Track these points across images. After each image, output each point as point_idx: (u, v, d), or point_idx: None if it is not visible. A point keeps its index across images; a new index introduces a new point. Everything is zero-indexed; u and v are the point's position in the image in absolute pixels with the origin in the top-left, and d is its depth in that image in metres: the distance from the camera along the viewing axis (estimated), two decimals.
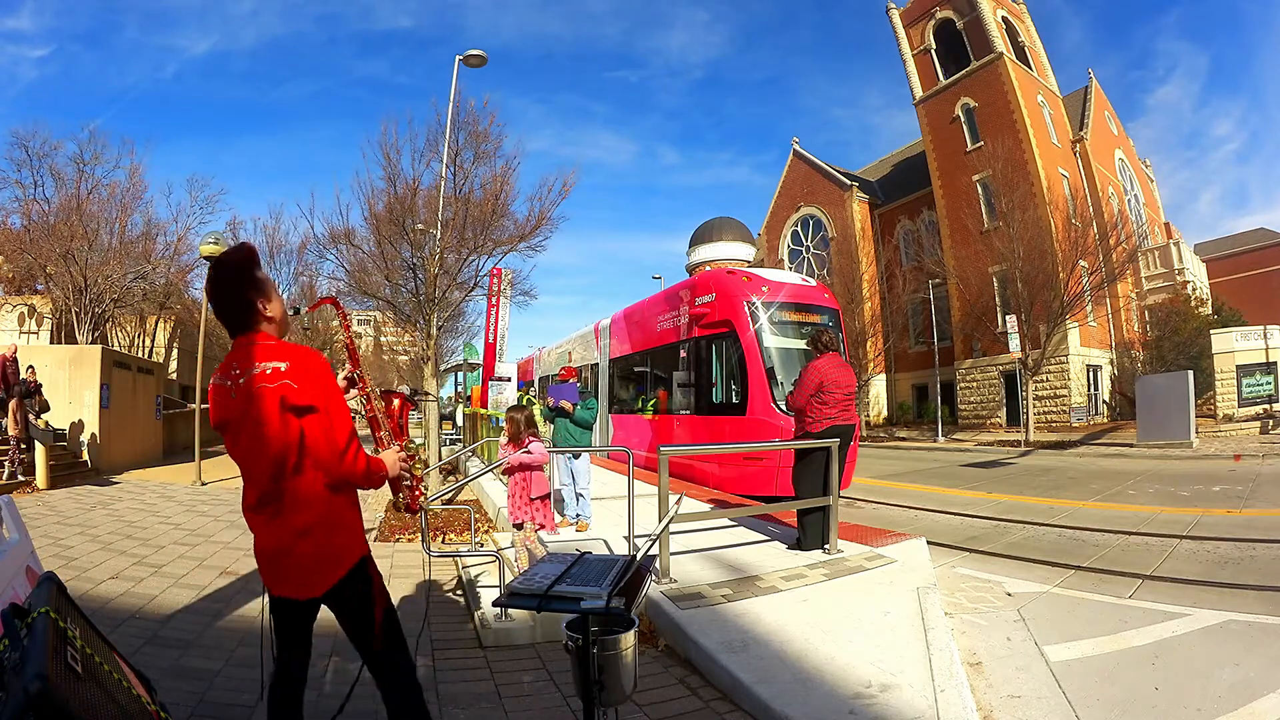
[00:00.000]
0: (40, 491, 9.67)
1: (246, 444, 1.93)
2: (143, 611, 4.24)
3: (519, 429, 4.74)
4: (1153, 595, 4.45)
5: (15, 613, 1.37)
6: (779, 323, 9.33)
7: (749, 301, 9.25)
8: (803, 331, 9.24)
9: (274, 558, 1.95)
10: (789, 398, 5.41)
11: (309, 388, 1.89)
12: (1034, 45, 31.63)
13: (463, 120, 12.33)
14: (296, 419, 1.88)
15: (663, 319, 11.55)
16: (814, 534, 5.00)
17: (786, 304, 9.52)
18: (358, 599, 2.01)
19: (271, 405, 1.87)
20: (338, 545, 1.96)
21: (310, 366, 1.93)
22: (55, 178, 21.45)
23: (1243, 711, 2.70)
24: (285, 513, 1.91)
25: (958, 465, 15.37)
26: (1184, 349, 24.68)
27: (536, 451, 4.58)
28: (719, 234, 33.40)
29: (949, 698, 2.68)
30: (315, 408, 1.89)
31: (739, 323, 9.21)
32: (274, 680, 2.05)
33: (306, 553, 1.91)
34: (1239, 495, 8.70)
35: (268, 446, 1.89)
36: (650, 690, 3.06)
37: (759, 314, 9.20)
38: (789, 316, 9.46)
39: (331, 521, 1.95)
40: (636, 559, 2.01)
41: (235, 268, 2.01)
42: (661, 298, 12.19)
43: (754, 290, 9.40)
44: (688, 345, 10.37)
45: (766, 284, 9.62)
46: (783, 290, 9.64)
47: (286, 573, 1.95)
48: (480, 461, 10.89)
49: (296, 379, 1.89)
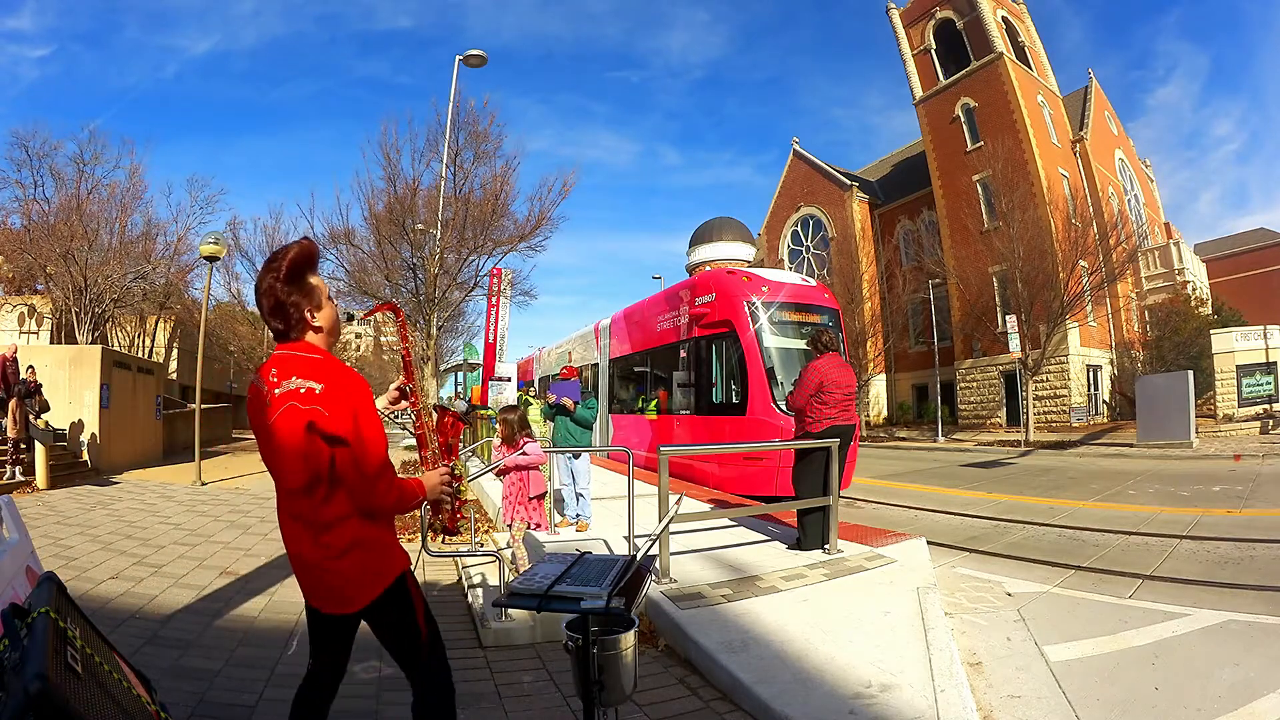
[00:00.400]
0: (40, 491, 9.67)
1: (274, 456, 1.84)
2: (143, 611, 4.24)
3: (513, 431, 4.75)
4: (1153, 595, 4.45)
5: (15, 613, 1.37)
6: (779, 323, 9.32)
7: (749, 301, 9.24)
8: (803, 331, 9.22)
9: (309, 570, 1.86)
10: (789, 398, 5.40)
11: (340, 417, 1.77)
12: (1034, 45, 31.64)
13: (463, 120, 12.38)
14: (327, 445, 1.77)
15: (663, 319, 11.52)
16: (814, 534, 5.00)
17: (786, 304, 9.50)
18: (397, 615, 1.92)
19: (299, 426, 1.77)
20: (374, 563, 1.87)
21: (346, 393, 1.80)
22: (55, 178, 21.51)
23: (1243, 711, 2.70)
24: (319, 531, 1.81)
25: (958, 465, 15.37)
26: (1184, 349, 24.69)
27: (532, 452, 4.59)
28: (719, 234, 33.40)
29: (949, 698, 2.68)
30: (345, 440, 1.77)
31: (739, 322, 9.20)
32: (302, 686, 1.99)
33: (342, 570, 1.82)
34: (1239, 495, 8.70)
35: (295, 464, 1.79)
36: (650, 690, 3.06)
37: (759, 314, 9.18)
38: (789, 316, 9.45)
39: (368, 541, 1.85)
40: (636, 559, 2.01)
41: (287, 267, 1.84)
42: (661, 298, 12.17)
43: (754, 290, 9.39)
44: (688, 345, 10.35)
45: (767, 284, 9.62)
46: (783, 290, 9.62)
47: (322, 588, 1.86)
48: (480, 461, 10.90)
49: (329, 405, 1.77)
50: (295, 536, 1.86)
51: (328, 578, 1.84)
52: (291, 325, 1.87)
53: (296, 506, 1.84)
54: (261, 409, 1.83)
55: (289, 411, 1.77)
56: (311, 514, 1.81)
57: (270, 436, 1.80)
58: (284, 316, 1.85)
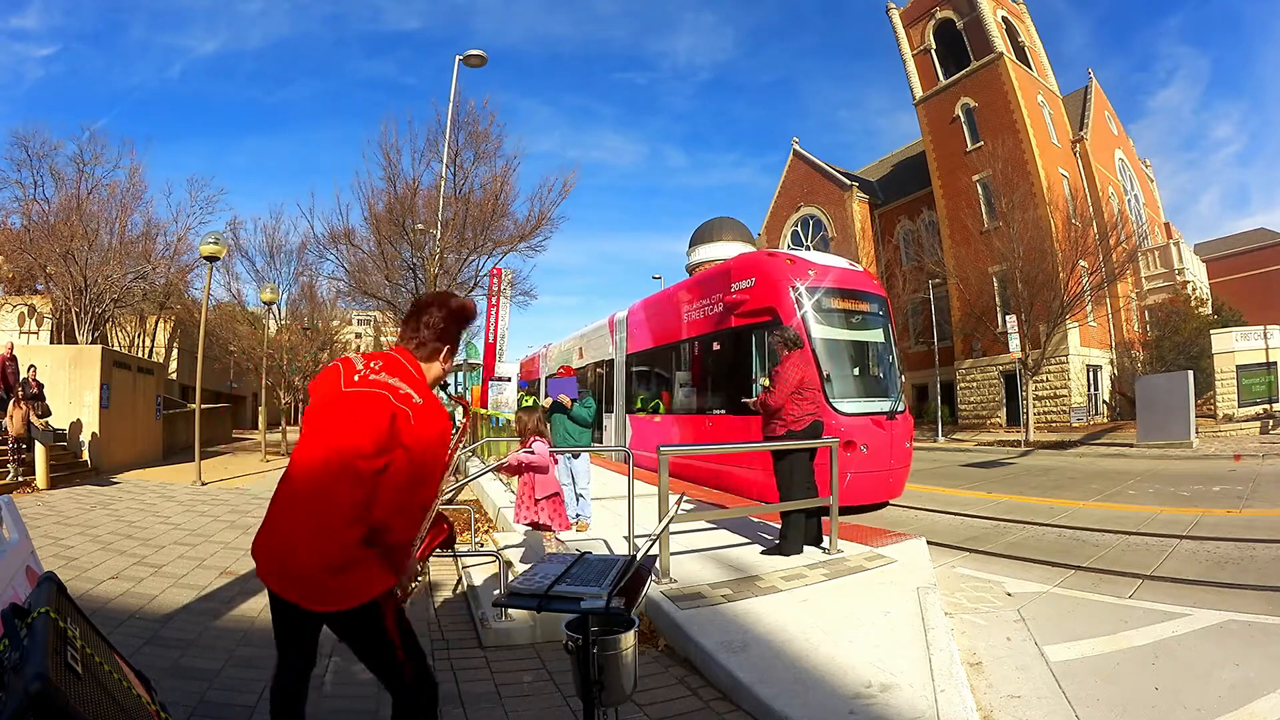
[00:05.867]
0: (40, 491, 9.67)
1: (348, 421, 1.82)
2: (143, 611, 4.24)
3: (524, 429, 4.77)
4: (1153, 595, 4.44)
5: (15, 613, 1.37)
6: (827, 310, 8.39)
7: (794, 286, 8.28)
8: (852, 321, 8.54)
9: (283, 551, 1.81)
10: (765, 398, 5.07)
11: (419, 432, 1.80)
12: (1034, 45, 31.64)
13: (463, 120, 12.39)
14: (395, 442, 1.78)
15: (691, 308, 10.52)
16: (795, 538, 4.89)
17: (834, 290, 8.54)
18: (367, 635, 1.86)
19: (384, 412, 1.80)
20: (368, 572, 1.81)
21: (434, 421, 1.85)
22: (55, 178, 21.51)
23: (1243, 711, 2.70)
24: (322, 516, 1.77)
25: (958, 465, 15.36)
26: (1184, 349, 24.69)
27: (538, 451, 4.58)
28: (719, 234, 33.46)
29: (949, 698, 2.68)
30: (411, 450, 1.79)
31: (784, 310, 8.23)
32: (273, 684, 1.98)
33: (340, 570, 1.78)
34: (1239, 495, 8.69)
35: (365, 436, 1.78)
36: (650, 690, 3.05)
37: (805, 300, 8.20)
38: (838, 304, 8.54)
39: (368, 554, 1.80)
40: (636, 559, 2.01)
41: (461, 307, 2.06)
42: (691, 284, 11.18)
43: (799, 274, 8.44)
44: (723, 336, 9.42)
45: (813, 267, 8.65)
46: (830, 274, 8.66)
47: (292, 572, 1.80)
48: (480, 461, 10.89)
49: (418, 416, 1.81)
50: (282, 513, 1.85)
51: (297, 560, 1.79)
52: (423, 341, 2.00)
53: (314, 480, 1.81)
54: (347, 382, 1.89)
55: (379, 398, 1.83)
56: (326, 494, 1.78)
57: (352, 408, 1.84)
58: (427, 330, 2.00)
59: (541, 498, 4.63)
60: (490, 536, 6.35)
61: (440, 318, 2.02)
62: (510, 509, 5.54)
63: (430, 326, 2.01)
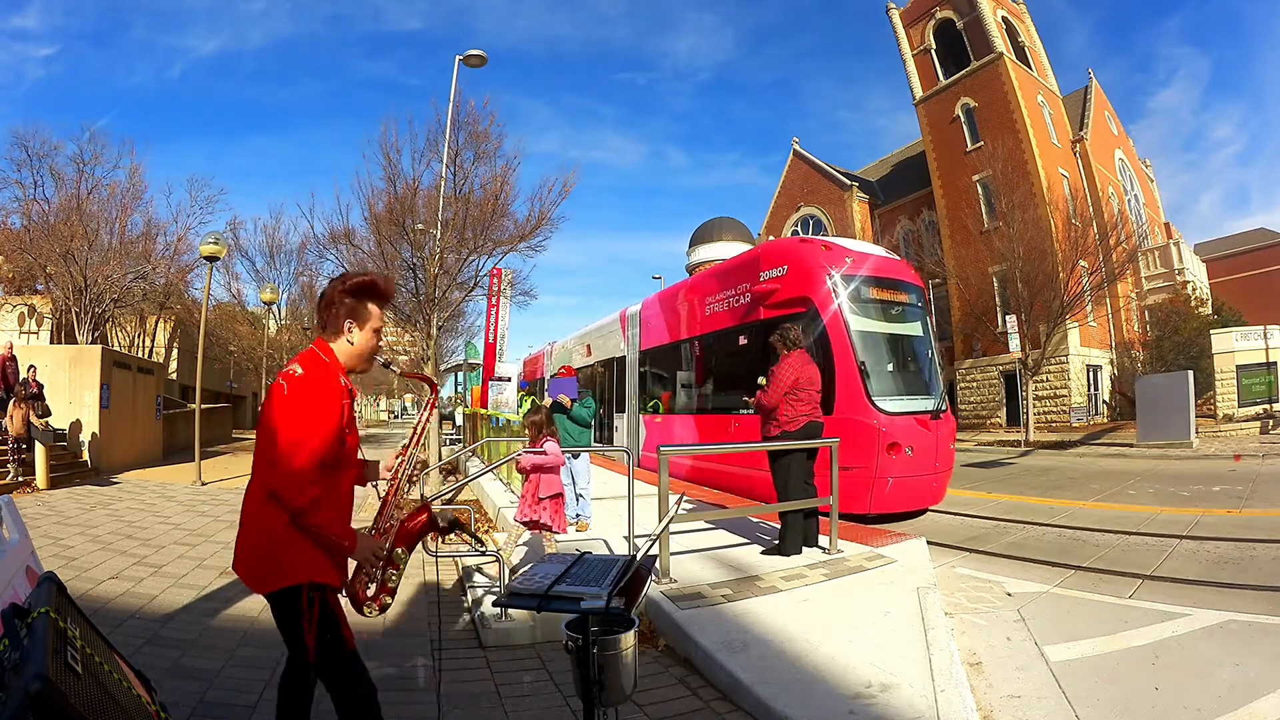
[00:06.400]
0: (40, 491, 9.67)
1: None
2: (143, 611, 4.24)
3: (538, 432, 4.79)
4: (1153, 595, 4.44)
5: (15, 613, 1.37)
6: (866, 301, 7.85)
7: (830, 275, 7.71)
8: (892, 313, 8.03)
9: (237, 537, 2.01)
10: (760, 397, 5.04)
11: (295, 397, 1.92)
12: (1034, 45, 31.62)
13: (463, 120, 12.36)
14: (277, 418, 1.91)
15: (714, 300, 9.83)
16: (794, 538, 4.87)
17: (873, 279, 7.99)
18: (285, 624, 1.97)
19: (274, 393, 1.97)
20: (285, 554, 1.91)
21: (312, 386, 1.95)
22: (55, 178, 21.48)
23: (1243, 711, 2.70)
24: (247, 501, 1.98)
25: (958, 465, 15.29)
26: (1184, 349, 24.67)
27: (550, 451, 4.60)
28: (719, 234, 33.44)
29: (949, 698, 2.68)
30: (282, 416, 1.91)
31: (820, 300, 7.64)
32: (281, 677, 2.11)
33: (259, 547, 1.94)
34: (1239, 495, 8.69)
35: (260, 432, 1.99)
36: (650, 690, 3.06)
37: (841, 290, 7.64)
38: (877, 294, 7.97)
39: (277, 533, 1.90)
40: (636, 559, 2.01)
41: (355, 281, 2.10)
42: (713, 274, 10.53)
43: (835, 262, 7.85)
44: (751, 330, 8.73)
45: (850, 255, 8.06)
46: (867, 262, 8.08)
47: (236, 555, 2.00)
48: (480, 461, 10.88)
49: (292, 386, 1.94)
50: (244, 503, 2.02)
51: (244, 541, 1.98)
52: (326, 324, 2.09)
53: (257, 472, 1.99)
54: None
55: (276, 385, 2.00)
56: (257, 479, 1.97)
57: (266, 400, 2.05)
58: (325, 314, 2.09)
59: (545, 497, 4.63)
60: (490, 536, 6.35)
61: (330, 293, 2.10)
62: (510, 509, 5.55)
63: (324, 306, 2.11)
